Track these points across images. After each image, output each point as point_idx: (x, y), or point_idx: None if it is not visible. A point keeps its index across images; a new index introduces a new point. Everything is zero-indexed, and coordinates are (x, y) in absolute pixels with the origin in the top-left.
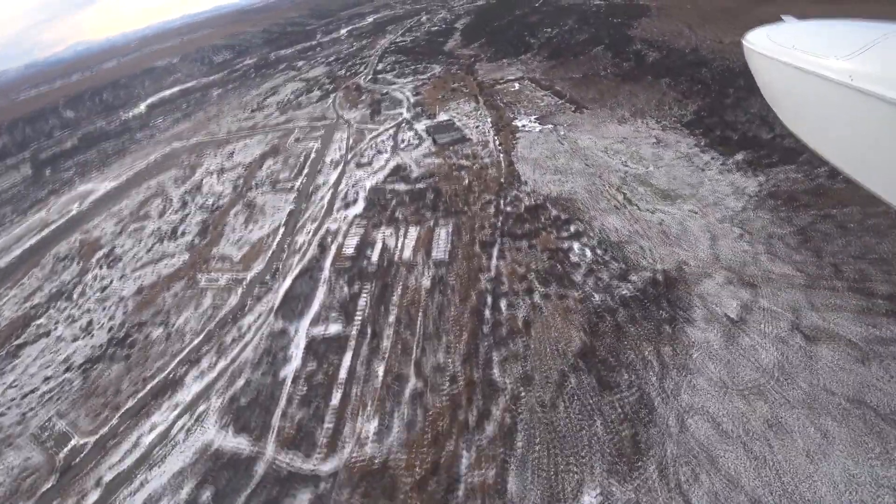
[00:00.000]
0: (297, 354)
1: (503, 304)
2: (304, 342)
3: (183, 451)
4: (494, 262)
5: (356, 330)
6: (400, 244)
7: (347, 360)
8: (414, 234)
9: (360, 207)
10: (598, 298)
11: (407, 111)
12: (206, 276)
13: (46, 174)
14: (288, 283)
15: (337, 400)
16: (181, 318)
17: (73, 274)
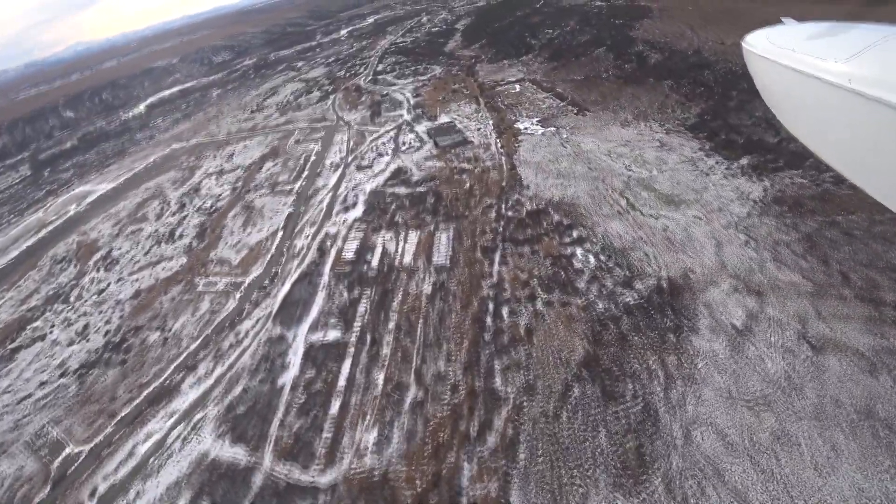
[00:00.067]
0: (295, 361)
1: (505, 311)
2: (302, 349)
3: (179, 461)
4: (496, 267)
5: (355, 337)
6: (400, 249)
7: (346, 367)
8: (414, 238)
9: (359, 211)
10: (601, 306)
11: (407, 113)
12: (203, 280)
13: (45, 175)
14: (287, 287)
15: (336, 409)
16: (178, 322)
17: (70, 276)
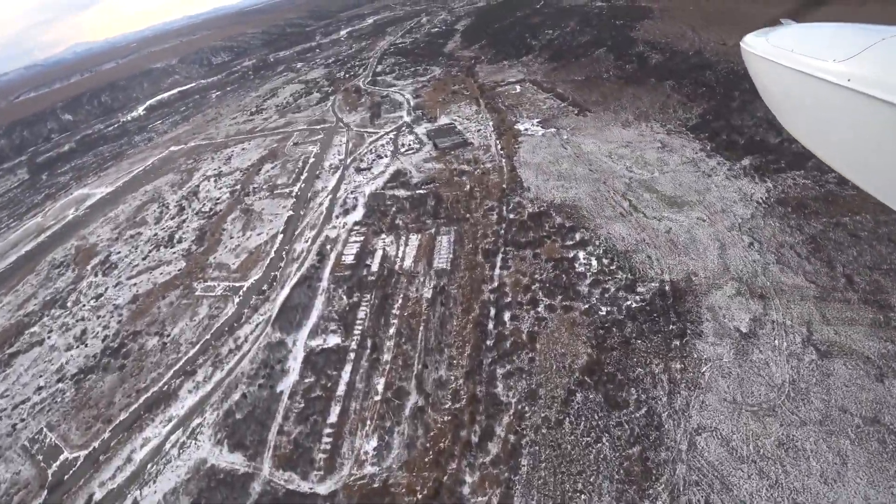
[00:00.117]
0: (294, 367)
1: (507, 316)
2: (301, 354)
3: (176, 468)
4: (497, 271)
5: (355, 342)
6: (400, 252)
7: (346, 373)
8: (415, 242)
9: (359, 214)
10: (604, 311)
11: (407, 114)
12: (202, 284)
13: (43, 178)
14: (286, 292)
15: (335, 416)
16: (176, 327)
17: (67, 281)
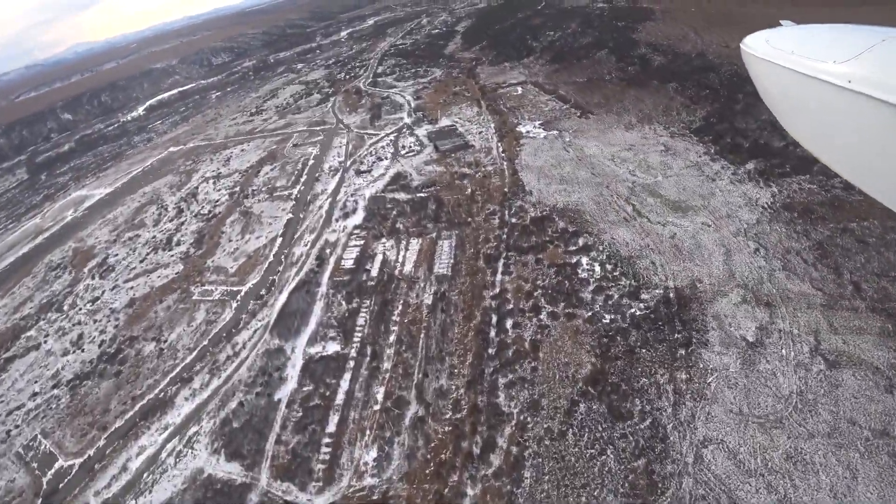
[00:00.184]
0: (292, 375)
1: (509, 323)
2: (300, 362)
3: (172, 477)
4: (499, 277)
5: (355, 350)
6: (401, 257)
7: (345, 382)
8: (415, 246)
9: (359, 217)
10: (608, 318)
11: (408, 116)
12: (200, 288)
13: (42, 178)
14: (284, 297)
15: (334, 425)
16: (174, 333)
17: (64, 284)
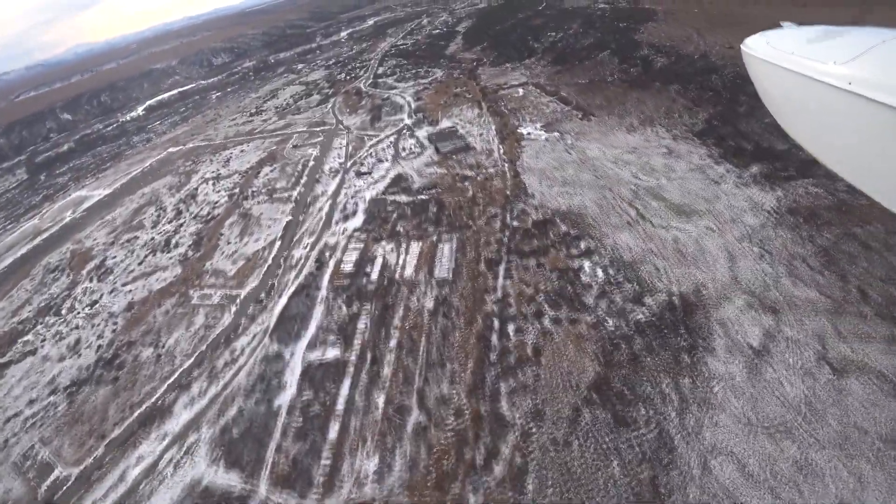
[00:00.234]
0: (292, 381)
1: (511, 328)
2: (300, 368)
3: (171, 487)
4: (501, 281)
5: (355, 355)
6: (401, 261)
7: (346, 388)
8: (416, 249)
9: (359, 220)
10: (611, 324)
11: (408, 117)
12: (198, 292)
13: (41, 179)
14: (284, 301)
15: (335, 433)
16: (172, 338)
17: (62, 286)
